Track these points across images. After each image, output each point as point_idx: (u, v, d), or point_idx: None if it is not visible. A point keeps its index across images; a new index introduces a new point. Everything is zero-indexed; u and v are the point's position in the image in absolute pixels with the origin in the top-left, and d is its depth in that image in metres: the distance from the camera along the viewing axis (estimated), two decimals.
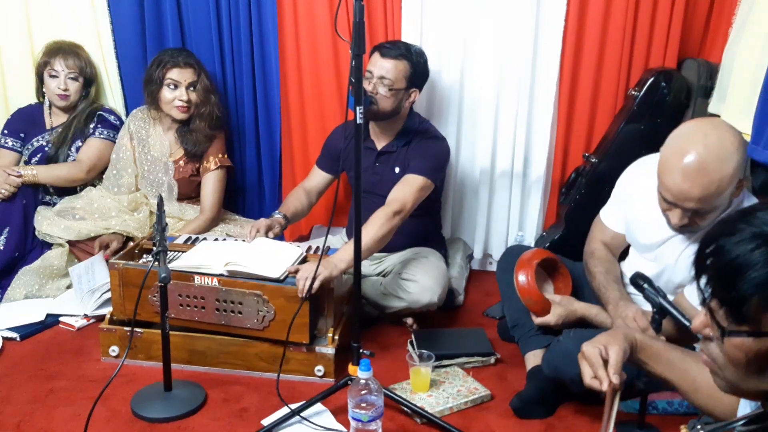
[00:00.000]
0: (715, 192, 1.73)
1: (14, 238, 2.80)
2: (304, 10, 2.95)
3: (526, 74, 2.88)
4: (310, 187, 2.85)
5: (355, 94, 1.86)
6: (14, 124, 3.06)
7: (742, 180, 1.79)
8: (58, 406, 2.10)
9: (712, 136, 1.73)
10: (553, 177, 3.05)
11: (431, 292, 2.47)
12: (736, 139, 1.75)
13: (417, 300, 2.48)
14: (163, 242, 1.97)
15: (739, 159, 1.73)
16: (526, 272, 2.17)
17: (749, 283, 0.90)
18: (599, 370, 1.30)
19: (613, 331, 1.39)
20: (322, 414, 2.05)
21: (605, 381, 1.28)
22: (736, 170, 1.73)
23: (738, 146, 1.74)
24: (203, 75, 2.88)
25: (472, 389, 2.18)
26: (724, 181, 1.73)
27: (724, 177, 1.72)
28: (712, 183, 1.72)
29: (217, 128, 2.95)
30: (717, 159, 1.71)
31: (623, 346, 1.33)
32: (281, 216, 2.66)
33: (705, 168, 1.72)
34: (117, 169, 2.99)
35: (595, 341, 1.35)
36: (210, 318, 2.24)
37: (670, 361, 1.38)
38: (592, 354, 1.32)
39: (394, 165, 2.63)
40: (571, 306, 2.15)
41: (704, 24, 2.80)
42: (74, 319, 2.60)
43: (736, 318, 0.93)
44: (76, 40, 3.05)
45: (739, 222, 0.95)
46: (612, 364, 1.30)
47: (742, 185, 1.81)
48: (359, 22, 1.77)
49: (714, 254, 0.95)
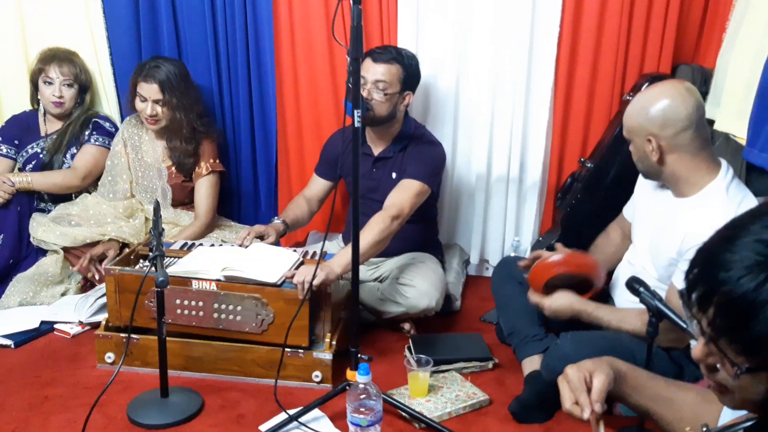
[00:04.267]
0: (626, 120, 1.98)
1: (9, 245, 2.78)
2: (300, 14, 2.96)
3: (522, 79, 2.89)
4: (311, 196, 2.85)
5: (353, 98, 1.86)
6: (8, 131, 3.05)
7: (653, 140, 1.90)
8: (54, 413, 2.08)
9: (661, 85, 1.95)
10: (549, 182, 3.05)
11: (429, 297, 2.47)
12: (668, 98, 1.88)
13: (415, 305, 2.47)
14: (159, 247, 1.96)
15: (653, 111, 1.88)
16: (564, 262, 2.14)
17: (763, 324, 0.85)
18: (581, 395, 1.23)
19: (599, 360, 1.32)
20: (320, 419, 2.04)
21: (587, 409, 1.21)
22: (644, 116, 1.91)
23: (662, 104, 1.88)
24: (169, 94, 2.79)
25: (470, 394, 2.18)
26: (633, 118, 1.95)
27: (635, 113, 1.94)
28: (628, 111, 1.97)
29: (197, 140, 2.93)
30: (644, 97, 1.94)
31: (609, 375, 1.26)
32: (281, 222, 2.66)
33: (634, 100, 1.98)
34: (112, 175, 2.98)
35: (581, 366, 1.29)
36: (208, 322, 2.23)
37: (653, 391, 1.34)
38: (576, 378, 1.25)
39: (391, 170, 2.63)
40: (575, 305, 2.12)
41: (698, 29, 2.82)
42: (69, 326, 2.58)
43: (750, 354, 0.89)
44: (72, 46, 3.04)
45: (734, 241, 0.91)
46: (595, 392, 1.23)
47: (653, 145, 1.90)
48: (357, 26, 1.78)
49: (714, 290, 0.90)
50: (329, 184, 2.85)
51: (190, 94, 2.90)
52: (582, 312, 2.08)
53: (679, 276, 1.91)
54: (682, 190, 1.95)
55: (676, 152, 1.90)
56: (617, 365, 1.32)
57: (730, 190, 1.88)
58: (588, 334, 2.04)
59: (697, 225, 1.83)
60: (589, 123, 2.96)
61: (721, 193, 1.87)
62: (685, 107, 1.86)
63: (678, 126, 1.86)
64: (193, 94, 2.92)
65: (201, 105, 2.98)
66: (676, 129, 1.87)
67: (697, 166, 1.91)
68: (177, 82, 2.82)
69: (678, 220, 1.93)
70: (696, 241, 1.79)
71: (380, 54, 2.53)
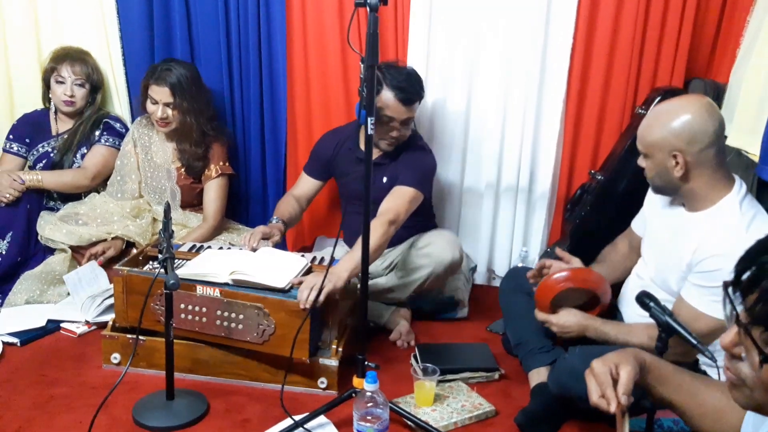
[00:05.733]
0: (647, 136, 1.92)
1: (17, 242, 2.78)
2: (313, 20, 2.96)
3: (534, 90, 2.89)
4: (299, 194, 2.87)
5: (367, 105, 1.86)
6: (20, 130, 3.06)
7: (679, 156, 1.85)
8: (59, 413, 2.08)
9: (681, 100, 1.93)
10: (559, 193, 3.05)
11: (451, 249, 2.56)
12: (693, 113, 1.84)
13: (440, 259, 2.55)
14: (170, 249, 1.96)
15: (680, 127, 1.84)
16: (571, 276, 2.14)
17: None
18: (608, 389, 1.26)
19: (624, 351, 1.34)
20: (326, 426, 2.03)
21: (614, 402, 1.24)
22: (670, 131, 1.86)
23: (688, 119, 1.84)
24: (180, 97, 2.80)
25: (476, 404, 2.17)
26: (656, 133, 1.89)
27: (658, 128, 1.88)
28: (648, 127, 1.92)
29: (207, 144, 2.93)
30: (665, 112, 1.89)
31: (635, 367, 1.29)
32: (280, 222, 2.68)
33: (653, 114, 1.94)
34: (121, 175, 2.98)
35: (606, 359, 1.31)
36: (211, 329, 2.22)
37: (678, 384, 1.35)
38: (602, 372, 1.28)
39: (382, 175, 2.67)
40: (582, 321, 2.12)
41: (712, 44, 2.82)
42: (75, 326, 2.58)
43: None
44: (85, 46, 3.05)
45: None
46: (622, 384, 1.26)
47: (678, 160, 1.86)
48: (373, 34, 1.78)
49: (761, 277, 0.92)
50: (318, 183, 2.88)
51: (201, 98, 2.90)
52: (589, 327, 2.07)
53: (688, 289, 1.90)
54: (696, 204, 1.94)
55: (698, 168, 1.88)
56: (642, 356, 1.34)
57: (743, 205, 1.88)
58: (596, 348, 2.03)
59: (709, 239, 1.83)
60: (600, 135, 2.95)
61: (735, 208, 1.87)
62: (712, 123, 1.85)
63: (705, 142, 1.85)
64: (203, 98, 2.92)
65: (211, 109, 2.99)
66: (703, 145, 1.85)
67: (716, 181, 1.90)
68: (188, 86, 2.82)
69: (690, 234, 1.92)
70: (707, 255, 1.81)
71: (409, 94, 2.54)
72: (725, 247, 1.77)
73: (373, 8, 1.77)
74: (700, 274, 1.85)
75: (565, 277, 2.12)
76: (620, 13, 2.78)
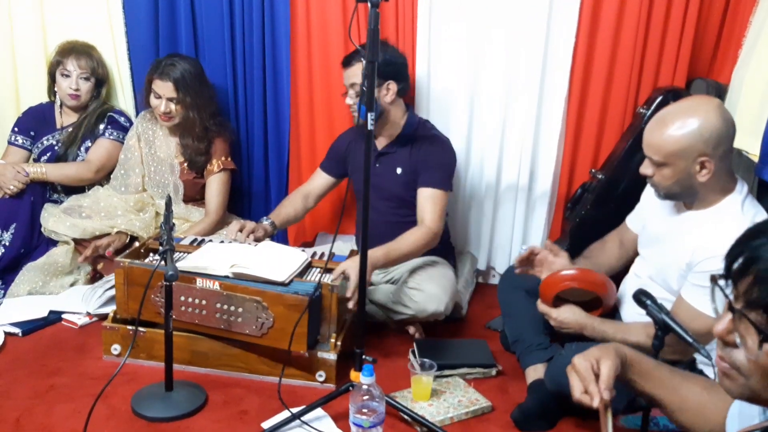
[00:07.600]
0: (669, 145, 1.84)
1: (21, 234, 2.81)
2: (317, 16, 2.97)
3: (535, 89, 2.89)
4: (309, 190, 2.89)
5: (367, 101, 1.87)
6: (25, 123, 3.08)
7: (706, 161, 1.82)
8: (58, 403, 2.10)
9: (693, 102, 1.88)
10: (559, 192, 3.05)
11: (438, 301, 2.47)
12: (713, 117, 1.80)
13: (423, 309, 2.48)
14: (170, 241, 1.97)
15: (706, 131, 1.80)
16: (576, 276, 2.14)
17: None
18: (590, 384, 1.26)
19: (605, 346, 1.35)
20: (323, 419, 2.04)
21: (596, 397, 1.24)
22: (697, 137, 1.80)
23: (711, 123, 1.80)
24: (183, 92, 2.81)
25: (473, 400, 2.18)
26: (682, 140, 1.82)
27: (682, 136, 1.81)
28: (669, 136, 1.83)
29: (209, 139, 2.95)
30: (681, 118, 1.82)
31: (615, 361, 1.29)
32: (268, 223, 2.71)
33: (666, 120, 1.85)
34: (125, 169, 3.00)
35: (587, 355, 1.32)
36: (210, 321, 2.23)
37: (659, 378, 1.35)
38: (584, 368, 1.28)
39: (395, 165, 2.66)
40: (581, 319, 2.12)
41: (714, 44, 2.82)
42: (77, 317, 2.60)
43: None
44: (90, 40, 3.07)
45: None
46: (603, 379, 1.26)
47: (705, 166, 1.83)
48: (374, 29, 1.80)
49: (754, 261, 0.93)
50: (332, 180, 2.90)
51: (204, 93, 2.91)
52: (587, 326, 2.08)
53: (687, 288, 1.90)
54: (699, 203, 1.94)
55: (719, 171, 1.86)
56: (623, 351, 1.34)
57: (744, 205, 1.88)
58: (592, 345, 2.04)
59: (710, 240, 1.82)
60: (602, 134, 2.96)
61: (737, 208, 1.87)
62: (730, 124, 1.84)
63: (727, 144, 1.84)
64: (207, 93, 2.93)
65: (214, 104, 3.00)
66: (726, 147, 1.84)
67: (723, 182, 1.90)
68: (191, 81, 2.83)
69: (690, 232, 1.92)
70: (707, 255, 1.81)
71: (347, 59, 2.61)
72: (725, 248, 1.77)
73: (374, 4, 1.78)
74: (699, 273, 1.85)
75: (573, 275, 2.13)
76: (623, 13, 2.78)
